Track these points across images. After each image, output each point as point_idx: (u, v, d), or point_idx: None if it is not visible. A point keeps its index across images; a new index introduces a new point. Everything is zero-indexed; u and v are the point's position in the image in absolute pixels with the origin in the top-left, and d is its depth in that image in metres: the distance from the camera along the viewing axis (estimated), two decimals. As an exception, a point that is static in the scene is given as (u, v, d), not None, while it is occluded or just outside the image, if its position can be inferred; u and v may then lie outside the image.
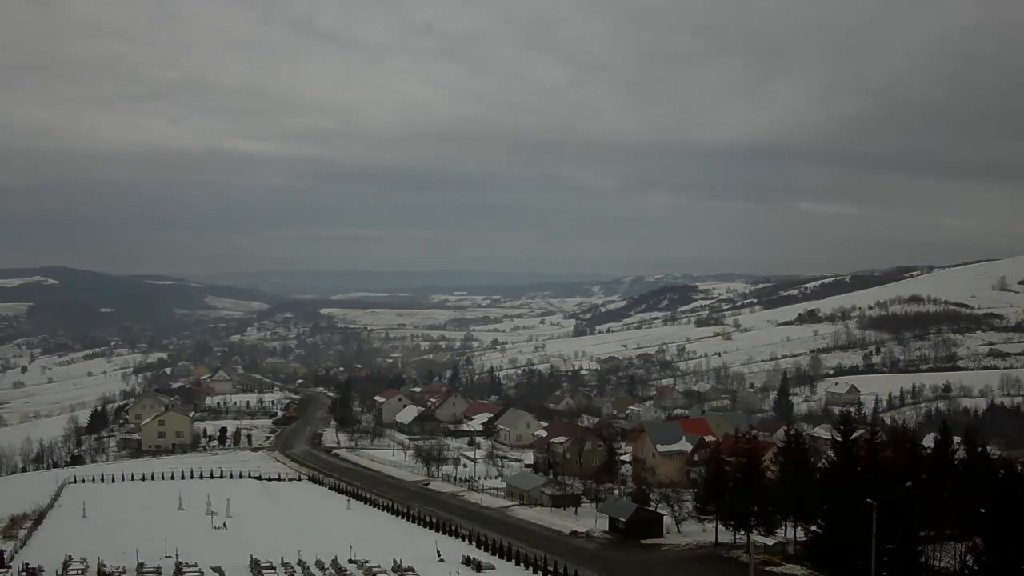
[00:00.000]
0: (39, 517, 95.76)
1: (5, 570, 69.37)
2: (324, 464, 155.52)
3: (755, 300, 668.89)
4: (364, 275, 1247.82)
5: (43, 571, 66.77)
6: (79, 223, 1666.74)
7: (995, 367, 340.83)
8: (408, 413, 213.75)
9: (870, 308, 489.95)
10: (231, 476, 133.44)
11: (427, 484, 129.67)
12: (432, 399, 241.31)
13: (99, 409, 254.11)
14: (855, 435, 70.26)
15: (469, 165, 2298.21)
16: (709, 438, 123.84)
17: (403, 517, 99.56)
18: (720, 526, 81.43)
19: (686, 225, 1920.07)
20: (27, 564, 67.82)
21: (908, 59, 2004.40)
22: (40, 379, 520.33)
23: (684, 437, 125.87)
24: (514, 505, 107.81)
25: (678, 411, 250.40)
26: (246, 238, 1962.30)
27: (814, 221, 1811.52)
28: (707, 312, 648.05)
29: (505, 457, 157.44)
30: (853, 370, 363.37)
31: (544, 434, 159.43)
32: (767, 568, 68.98)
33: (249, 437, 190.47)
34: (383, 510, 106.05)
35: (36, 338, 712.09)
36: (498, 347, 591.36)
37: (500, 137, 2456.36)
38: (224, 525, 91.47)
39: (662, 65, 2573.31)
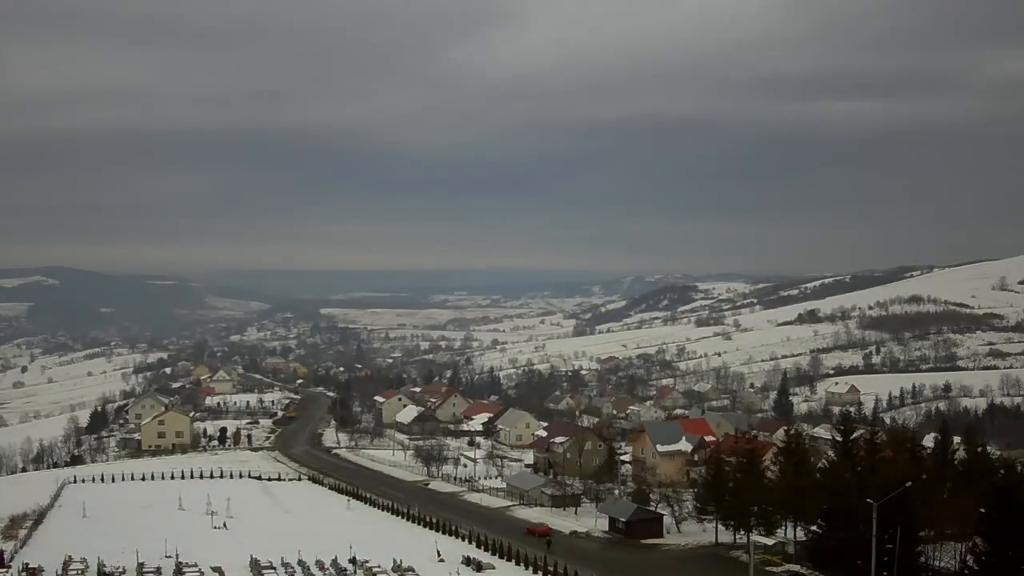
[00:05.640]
0: (39, 517, 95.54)
1: (5, 570, 69.31)
2: (324, 464, 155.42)
3: (755, 300, 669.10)
4: (364, 275, 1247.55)
5: (43, 571, 66.69)
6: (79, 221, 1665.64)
7: (995, 367, 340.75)
8: (408, 413, 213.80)
9: (870, 308, 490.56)
10: (231, 476, 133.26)
11: (427, 484, 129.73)
12: (432, 399, 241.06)
13: (99, 409, 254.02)
14: (855, 435, 70.64)
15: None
16: (709, 438, 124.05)
17: (403, 517, 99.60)
18: (720, 526, 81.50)
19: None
20: (27, 564, 67.72)
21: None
22: (40, 379, 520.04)
23: (684, 437, 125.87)
24: (514, 505, 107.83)
25: (678, 411, 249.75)
26: (246, 238, 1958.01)
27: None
28: (707, 312, 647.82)
29: (505, 457, 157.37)
30: (853, 370, 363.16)
31: (544, 434, 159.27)
32: (767, 568, 68.99)
33: (249, 437, 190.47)
34: (383, 510, 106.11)
35: (36, 338, 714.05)
36: (498, 347, 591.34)
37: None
38: (224, 525, 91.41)
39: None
